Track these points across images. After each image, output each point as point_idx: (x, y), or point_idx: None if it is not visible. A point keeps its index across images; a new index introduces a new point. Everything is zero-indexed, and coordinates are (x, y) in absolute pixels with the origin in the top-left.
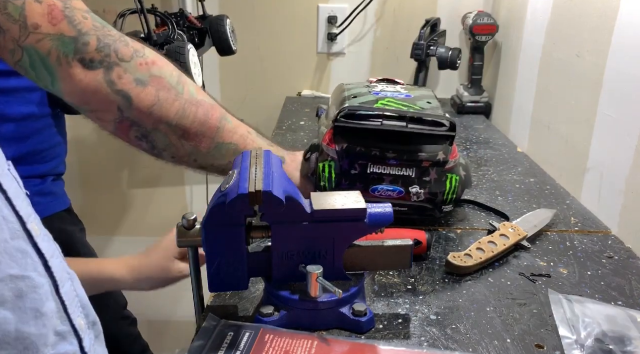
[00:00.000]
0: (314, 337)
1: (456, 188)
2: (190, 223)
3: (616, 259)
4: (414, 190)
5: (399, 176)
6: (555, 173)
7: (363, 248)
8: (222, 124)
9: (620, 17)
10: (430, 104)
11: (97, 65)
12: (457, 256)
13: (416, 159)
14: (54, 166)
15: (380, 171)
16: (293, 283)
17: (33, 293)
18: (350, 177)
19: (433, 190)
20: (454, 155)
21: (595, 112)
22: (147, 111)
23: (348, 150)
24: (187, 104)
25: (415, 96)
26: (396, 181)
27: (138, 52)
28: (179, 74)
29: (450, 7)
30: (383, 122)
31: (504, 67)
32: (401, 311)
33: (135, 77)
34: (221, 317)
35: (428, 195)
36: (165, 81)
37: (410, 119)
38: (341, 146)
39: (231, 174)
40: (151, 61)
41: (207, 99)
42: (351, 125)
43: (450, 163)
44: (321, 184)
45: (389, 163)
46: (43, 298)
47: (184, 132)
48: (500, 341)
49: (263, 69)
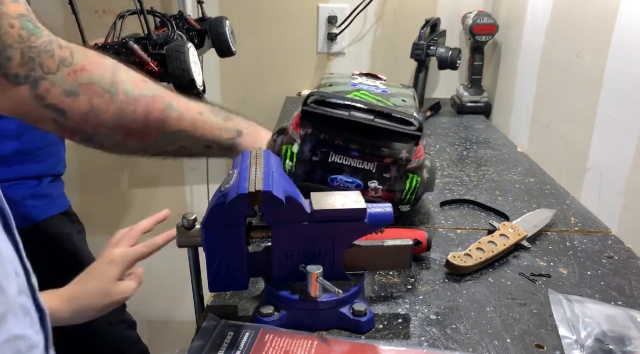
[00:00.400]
0: (314, 337)
1: (416, 189)
2: (190, 223)
3: (616, 259)
4: (372, 185)
5: (360, 169)
6: (555, 173)
7: (363, 248)
8: (167, 114)
9: (620, 17)
10: (405, 103)
11: (22, 80)
12: (457, 256)
13: (378, 154)
14: (51, 166)
15: (341, 162)
16: (293, 283)
17: (29, 352)
18: (310, 163)
19: (392, 188)
20: (418, 155)
21: (595, 112)
22: (83, 119)
23: (312, 135)
24: (124, 105)
25: (391, 93)
26: (356, 173)
27: (65, 61)
28: (113, 73)
29: (450, 7)
30: (351, 113)
31: (504, 67)
32: (401, 311)
33: (64, 89)
34: (221, 317)
35: (386, 192)
36: (96, 87)
37: (379, 113)
38: (306, 131)
39: (231, 174)
40: (80, 68)
41: (147, 92)
42: (319, 111)
43: (413, 163)
44: (285, 168)
45: (351, 154)
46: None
47: (127, 131)
48: (500, 341)
49: (263, 69)
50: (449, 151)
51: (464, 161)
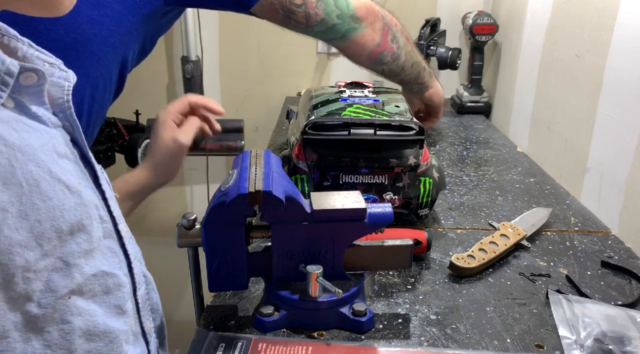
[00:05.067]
0: (308, 343)
1: (430, 191)
2: (190, 223)
3: (616, 259)
4: (387, 197)
5: (372, 184)
6: (555, 173)
7: (363, 248)
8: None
9: (620, 17)
10: (399, 108)
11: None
12: (461, 257)
13: (387, 165)
14: None
15: (353, 181)
16: (293, 283)
17: (117, 290)
18: (323, 189)
19: (407, 195)
20: (425, 158)
21: (595, 112)
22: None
23: (318, 163)
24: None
25: (383, 100)
26: (369, 189)
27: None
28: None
29: (450, 7)
30: (351, 132)
31: (504, 67)
32: (401, 311)
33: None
34: (221, 317)
35: (403, 201)
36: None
37: (379, 126)
38: (311, 159)
39: (231, 174)
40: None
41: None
42: (319, 137)
43: (422, 166)
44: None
45: (360, 172)
46: (126, 297)
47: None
48: (500, 341)
49: (263, 69)
50: (449, 151)
51: (464, 161)
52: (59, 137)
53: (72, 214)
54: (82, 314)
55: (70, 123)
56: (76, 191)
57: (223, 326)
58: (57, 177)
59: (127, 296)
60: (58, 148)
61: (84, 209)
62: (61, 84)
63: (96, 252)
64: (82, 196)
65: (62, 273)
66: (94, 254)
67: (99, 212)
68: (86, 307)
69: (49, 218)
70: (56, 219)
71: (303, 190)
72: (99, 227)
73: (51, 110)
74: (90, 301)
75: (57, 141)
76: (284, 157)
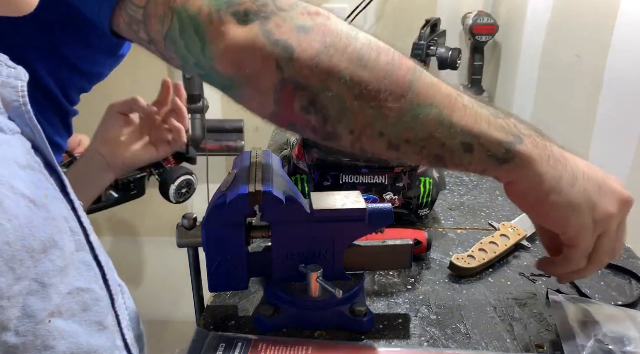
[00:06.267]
0: (308, 343)
1: (430, 191)
2: (190, 223)
3: (616, 259)
4: (388, 197)
5: (372, 184)
6: None
7: (363, 248)
8: (416, 76)
9: (620, 17)
10: None
11: (252, 17)
12: (461, 257)
13: (387, 165)
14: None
15: (353, 181)
16: (293, 283)
17: (95, 306)
18: (323, 189)
19: (407, 195)
20: None
21: (595, 112)
22: (312, 62)
23: (319, 163)
24: (364, 49)
25: None
26: (369, 189)
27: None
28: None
29: (450, 7)
30: None
31: (504, 67)
32: (401, 311)
33: (296, 25)
34: (221, 317)
35: (403, 201)
36: (332, 27)
37: None
38: (311, 159)
39: (231, 174)
40: (314, 12)
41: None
42: None
43: (422, 166)
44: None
45: (360, 172)
46: (105, 311)
47: (362, 88)
48: (500, 341)
49: None
50: None
51: None
52: (19, 145)
53: (42, 231)
54: (64, 336)
55: (31, 128)
56: (43, 205)
57: (223, 326)
58: (21, 192)
59: (106, 310)
60: (19, 159)
61: (53, 223)
62: (13, 83)
63: (70, 267)
64: (50, 210)
65: (38, 295)
66: (67, 270)
67: (69, 225)
68: (67, 328)
69: (19, 238)
70: (26, 238)
71: (303, 190)
72: (70, 241)
73: (6, 114)
74: (70, 321)
75: (17, 150)
76: (284, 157)
